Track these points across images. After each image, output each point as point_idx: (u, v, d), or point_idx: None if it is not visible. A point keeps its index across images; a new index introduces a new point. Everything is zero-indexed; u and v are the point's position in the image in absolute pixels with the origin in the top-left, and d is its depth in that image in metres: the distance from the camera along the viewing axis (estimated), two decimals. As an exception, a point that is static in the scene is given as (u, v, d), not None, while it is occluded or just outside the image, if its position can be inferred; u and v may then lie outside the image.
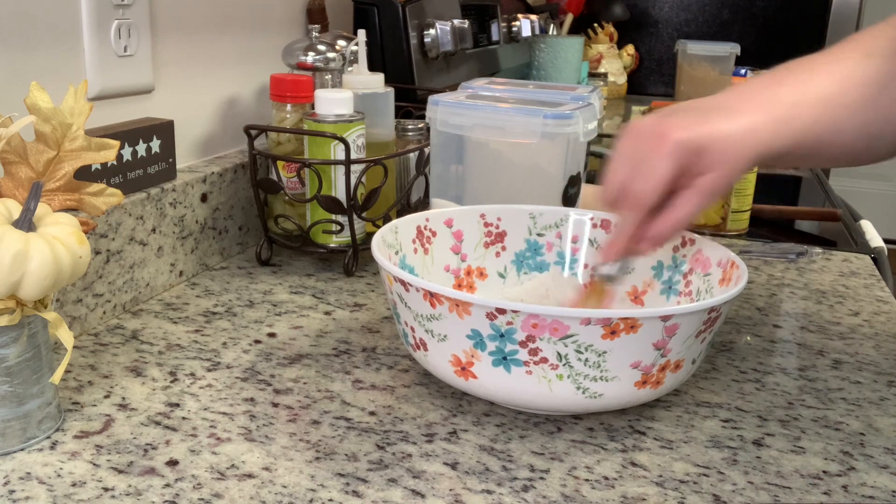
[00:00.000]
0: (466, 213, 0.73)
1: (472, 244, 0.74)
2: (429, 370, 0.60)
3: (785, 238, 1.06)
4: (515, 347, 0.53)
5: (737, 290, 0.56)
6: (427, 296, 0.55)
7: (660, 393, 0.57)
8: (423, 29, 1.26)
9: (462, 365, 0.56)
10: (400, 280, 0.56)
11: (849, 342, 0.75)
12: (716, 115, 0.59)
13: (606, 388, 0.54)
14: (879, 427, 0.61)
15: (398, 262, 0.68)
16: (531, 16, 1.86)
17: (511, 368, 0.54)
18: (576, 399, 0.55)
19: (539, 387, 0.54)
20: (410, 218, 0.71)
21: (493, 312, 0.52)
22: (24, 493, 0.49)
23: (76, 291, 0.69)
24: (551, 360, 0.53)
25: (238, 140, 0.96)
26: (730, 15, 2.40)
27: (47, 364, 0.54)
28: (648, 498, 0.51)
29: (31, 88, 0.53)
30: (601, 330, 0.52)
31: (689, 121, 0.58)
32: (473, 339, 0.54)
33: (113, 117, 0.77)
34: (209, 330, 0.72)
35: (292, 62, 0.94)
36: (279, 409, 0.59)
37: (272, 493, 0.50)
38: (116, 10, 0.75)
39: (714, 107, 0.60)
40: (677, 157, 0.57)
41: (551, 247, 0.74)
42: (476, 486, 0.51)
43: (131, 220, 0.74)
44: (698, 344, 0.56)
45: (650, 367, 0.54)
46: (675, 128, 0.57)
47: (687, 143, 0.57)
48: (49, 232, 0.50)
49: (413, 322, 0.58)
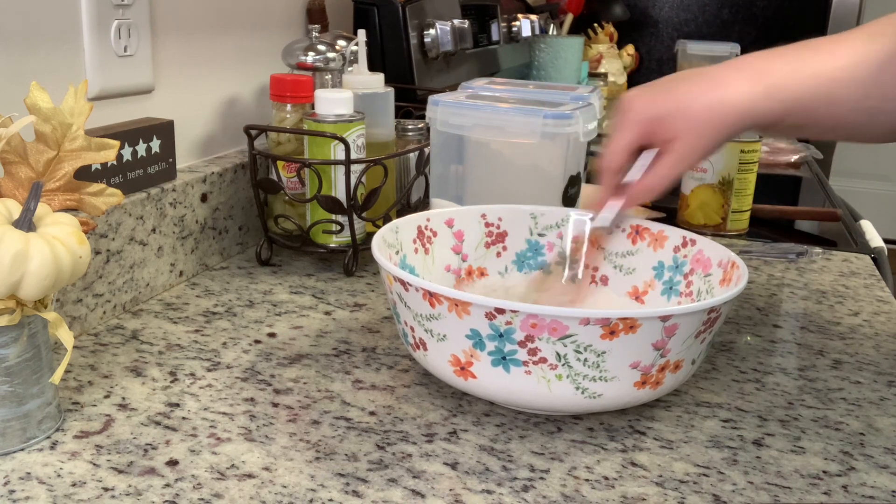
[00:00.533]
0: (467, 213, 0.73)
1: (473, 244, 0.74)
2: (428, 370, 0.60)
3: (785, 238, 1.06)
4: (514, 347, 0.53)
5: (736, 291, 0.56)
6: (426, 295, 0.55)
7: (659, 393, 0.57)
8: (423, 29, 1.26)
9: (461, 365, 0.56)
10: (399, 280, 0.56)
11: (849, 342, 0.75)
12: (689, 85, 0.64)
13: (606, 389, 0.54)
14: (879, 427, 0.61)
15: (398, 261, 0.68)
16: (531, 16, 1.86)
17: (510, 368, 0.54)
18: (575, 399, 0.55)
19: (538, 387, 0.54)
20: (411, 218, 0.71)
21: (493, 312, 0.52)
22: (24, 493, 0.49)
23: (76, 291, 0.69)
24: (550, 360, 0.53)
25: (238, 140, 0.96)
26: (730, 15, 2.41)
27: (47, 364, 0.54)
28: (648, 498, 0.51)
29: (31, 88, 0.53)
30: (600, 330, 0.52)
31: (656, 93, 0.65)
32: (473, 338, 0.54)
33: (113, 117, 0.77)
34: (209, 330, 0.72)
35: (292, 62, 0.94)
36: (279, 409, 0.59)
37: (272, 493, 0.50)
38: (116, 10, 0.75)
39: (696, 75, 0.65)
40: (634, 128, 0.65)
41: (552, 247, 0.74)
42: (476, 486, 0.51)
43: (131, 220, 0.74)
44: (698, 344, 0.56)
45: (650, 368, 0.54)
46: (638, 100, 0.65)
47: (644, 115, 0.64)
48: (49, 232, 0.50)
49: (413, 322, 0.58)
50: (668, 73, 0.71)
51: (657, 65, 2.47)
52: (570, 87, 0.89)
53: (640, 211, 1.07)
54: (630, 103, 0.66)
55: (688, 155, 0.64)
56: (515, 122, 0.76)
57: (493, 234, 0.74)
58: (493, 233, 0.74)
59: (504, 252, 0.74)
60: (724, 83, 0.63)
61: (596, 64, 2.24)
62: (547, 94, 0.86)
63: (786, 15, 2.36)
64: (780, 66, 0.63)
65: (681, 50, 1.98)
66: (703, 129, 0.63)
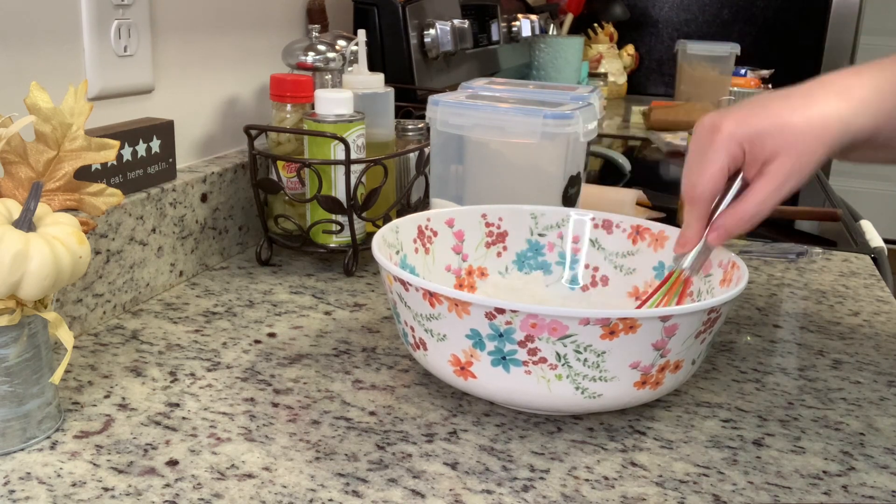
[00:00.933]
0: (468, 212, 0.73)
1: (474, 244, 0.74)
2: (428, 370, 0.60)
3: (785, 238, 1.06)
4: (514, 347, 0.53)
5: (736, 291, 0.56)
6: (426, 295, 0.55)
7: (659, 393, 0.57)
8: (423, 29, 1.26)
9: (461, 365, 0.56)
10: (399, 280, 0.56)
11: (849, 342, 0.75)
12: (780, 103, 0.59)
13: (605, 389, 0.54)
14: (879, 427, 0.61)
15: (399, 261, 0.68)
16: (531, 16, 1.86)
17: (510, 368, 0.54)
18: (575, 399, 0.55)
19: (538, 387, 0.54)
20: (411, 218, 0.70)
21: (493, 312, 0.52)
22: (24, 493, 0.49)
23: (76, 291, 0.69)
24: (550, 360, 0.53)
25: (238, 140, 0.96)
26: (730, 15, 2.41)
27: (47, 364, 0.54)
28: (648, 498, 0.51)
29: (31, 88, 0.53)
30: (600, 330, 0.52)
31: (746, 111, 0.59)
32: (472, 338, 0.54)
33: (113, 117, 0.77)
34: (209, 330, 0.72)
35: (292, 62, 0.94)
36: (279, 409, 0.59)
37: (272, 493, 0.50)
38: (116, 10, 0.75)
39: (784, 95, 0.60)
40: (729, 148, 0.59)
41: (552, 247, 0.74)
42: (476, 486, 0.51)
43: (131, 220, 0.74)
44: (698, 345, 0.56)
45: (649, 368, 0.54)
46: (728, 119, 0.59)
47: (738, 134, 0.58)
48: (49, 232, 0.50)
49: (413, 322, 0.58)
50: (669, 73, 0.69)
51: (657, 65, 2.47)
52: (570, 87, 0.89)
53: (641, 211, 1.07)
54: (717, 124, 0.60)
55: (790, 174, 0.58)
56: (515, 122, 0.76)
57: (493, 234, 0.74)
58: (494, 233, 0.74)
59: (504, 252, 0.74)
60: (817, 99, 0.59)
61: (596, 64, 2.25)
62: (547, 94, 0.86)
63: (786, 15, 2.36)
64: (863, 81, 0.60)
65: (681, 50, 1.99)
66: (805, 146, 0.58)
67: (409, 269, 0.69)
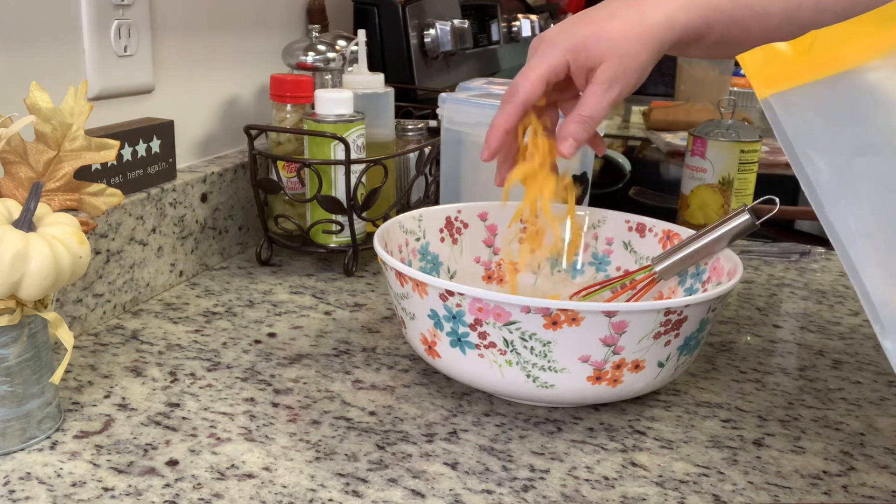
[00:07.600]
0: (503, 208, 0.74)
1: (506, 239, 0.75)
2: None
3: (785, 238, 1.06)
4: (467, 330, 0.55)
5: (702, 297, 0.55)
6: (397, 275, 0.58)
7: (623, 393, 0.57)
8: (423, 29, 1.26)
9: (429, 343, 0.59)
10: (383, 261, 0.59)
11: (849, 342, 0.75)
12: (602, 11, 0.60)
13: (557, 380, 0.55)
14: (879, 427, 0.61)
15: (419, 248, 0.70)
16: (531, 16, 1.86)
17: (465, 350, 0.56)
18: (527, 387, 0.56)
19: (492, 371, 0.56)
20: (439, 208, 0.73)
21: (444, 294, 0.54)
22: (24, 493, 0.49)
23: (76, 291, 0.69)
24: (499, 346, 0.55)
25: (238, 140, 0.96)
26: (730, 15, 2.40)
27: (47, 364, 0.54)
28: (648, 498, 0.51)
29: (31, 88, 0.53)
30: (542, 319, 0.53)
31: (571, 21, 0.61)
32: (433, 318, 0.57)
33: (113, 117, 0.77)
34: (209, 330, 0.72)
35: (292, 62, 0.94)
36: (279, 409, 0.59)
37: (272, 493, 0.50)
38: (116, 10, 0.75)
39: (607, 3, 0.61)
40: (551, 56, 0.60)
41: (587, 247, 0.75)
42: (476, 486, 0.51)
43: (131, 220, 0.74)
44: (661, 347, 0.56)
45: (602, 364, 0.55)
46: (553, 30, 0.61)
47: (560, 42, 0.60)
48: (49, 232, 0.50)
49: (394, 300, 0.61)
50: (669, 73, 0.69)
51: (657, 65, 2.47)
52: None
53: None
54: (543, 35, 0.62)
55: (615, 77, 0.59)
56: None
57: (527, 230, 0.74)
58: None
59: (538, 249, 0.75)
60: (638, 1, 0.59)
61: (596, 64, 2.24)
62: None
63: (786, 15, 2.35)
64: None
65: (680, 50, 1.98)
66: (627, 48, 0.58)
67: (432, 256, 0.71)
